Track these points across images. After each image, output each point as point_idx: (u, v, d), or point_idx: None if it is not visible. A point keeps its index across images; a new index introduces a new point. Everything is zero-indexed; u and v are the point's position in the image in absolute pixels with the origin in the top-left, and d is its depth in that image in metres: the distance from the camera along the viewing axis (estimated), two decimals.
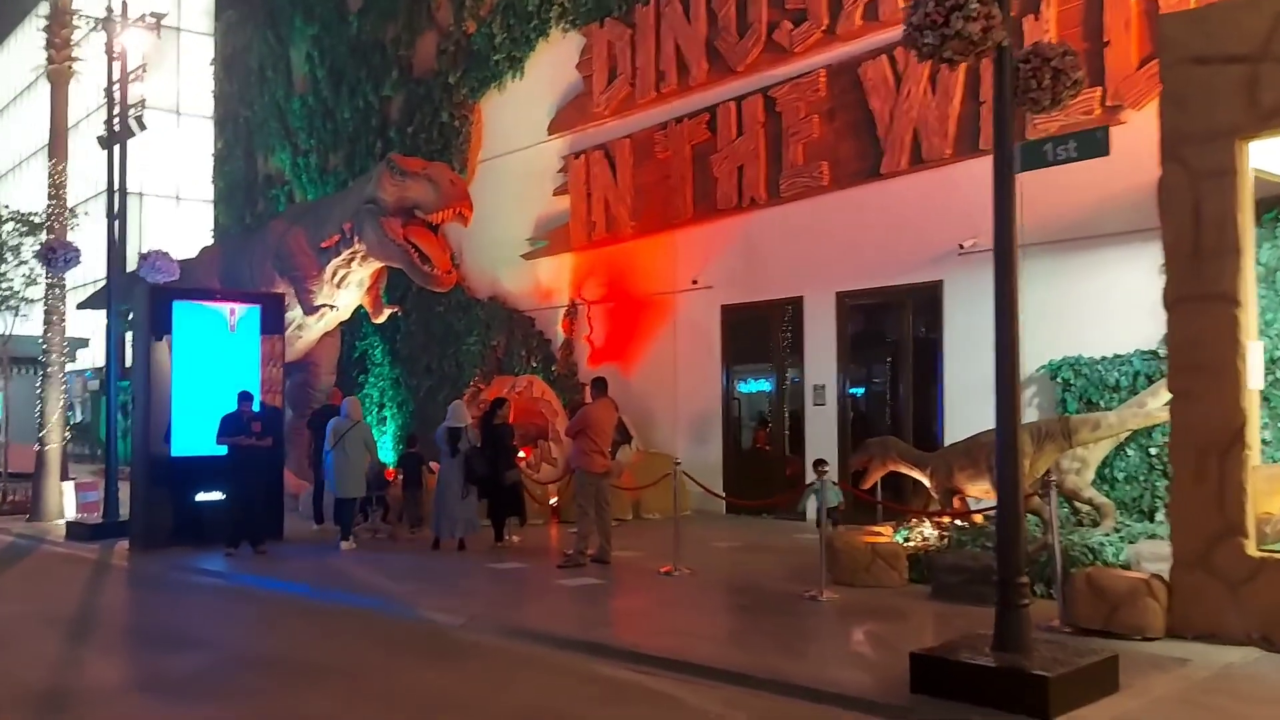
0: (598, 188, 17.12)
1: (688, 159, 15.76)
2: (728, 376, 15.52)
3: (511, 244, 18.71)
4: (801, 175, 14.31)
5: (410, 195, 14.80)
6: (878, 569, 9.51)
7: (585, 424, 11.16)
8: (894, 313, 13.81)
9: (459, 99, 19.75)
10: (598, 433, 11.13)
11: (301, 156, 23.77)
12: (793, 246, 14.53)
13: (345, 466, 12.90)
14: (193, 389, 12.66)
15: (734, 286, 15.31)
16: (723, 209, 15.30)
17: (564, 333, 17.85)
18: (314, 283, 16.32)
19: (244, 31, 26.31)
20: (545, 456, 15.86)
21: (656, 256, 16.41)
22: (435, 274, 14.86)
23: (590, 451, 11.11)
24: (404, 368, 20.79)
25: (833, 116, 14.07)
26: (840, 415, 13.99)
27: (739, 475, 15.24)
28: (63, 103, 17.66)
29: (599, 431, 11.15)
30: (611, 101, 16.89)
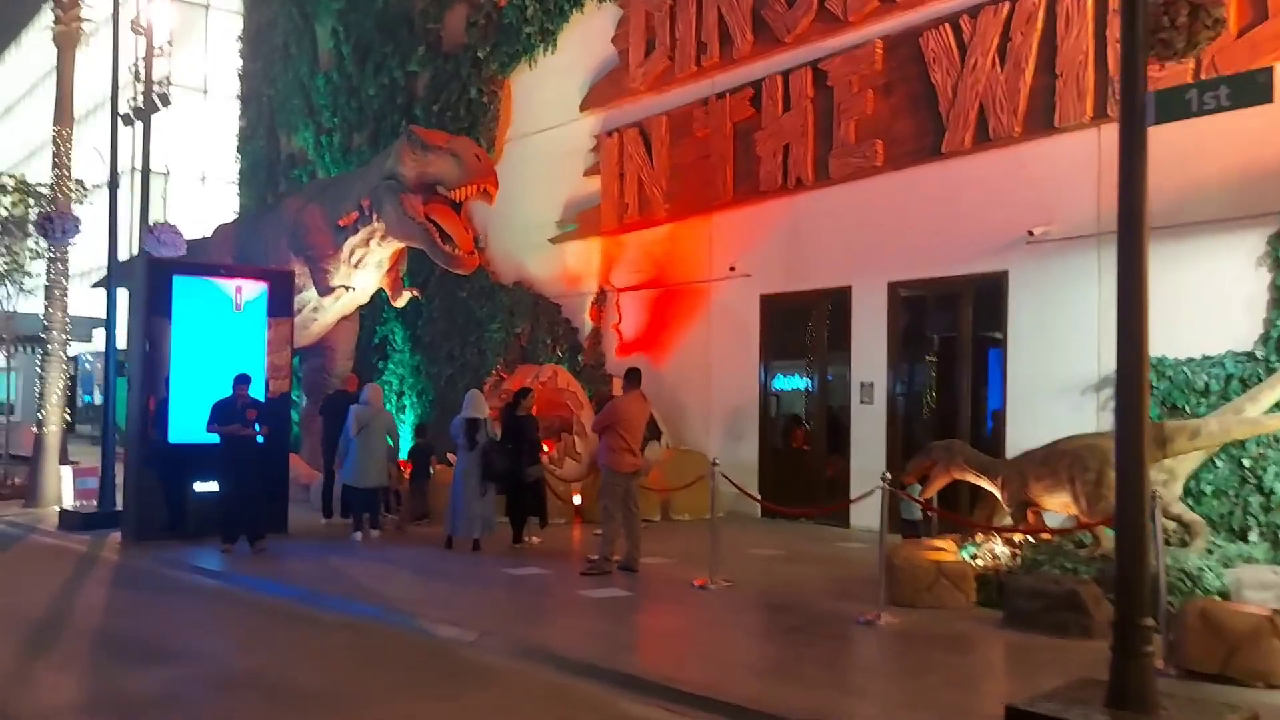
0: (631, 168, 15.96)
1: (729, 137, 14.58)
2: (766, 371, 14.33)
3: (538, 227, 17.59)
4: (853, 155, 13.09)
5: (432, 170, 13.72)
6: (942, 589, 8.33)
7: (614, 419, 10.04)
8: (951, 306, 12.58)
9: (488, 74, 18.65)
10: (627, 429, 10.01)
11: (325, 135, 22.74)
12: (841, 232, 13.34)
13: (366, 456, 11.90)
14: (193, 372, 11.62)
15: (775, 274, 14.12)
16: (765, 191, 14.11)
17: (592, 321, 16.73)
18: (330, 263, 15.27)
19: (269, 7, 25.29)
20: (569, 451, 14.75)
21: (692, 241, 15.24)
22: (457, 254, 13.77)
23: (619, 449, 9.99)
24: (425, 355, 19.72)
25: (889, 91, 12.86)
26: (889, 416, 12.79)
27: (776, 476, 14.07)
28: (69, 67, 16.73)
29: (629, 427, 10.02)
30: (648, 76, 15.73)
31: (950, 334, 12.71)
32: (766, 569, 10.29)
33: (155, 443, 11.43)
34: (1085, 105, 11.00)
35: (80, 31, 16.74)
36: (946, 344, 12.73)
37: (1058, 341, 11.29)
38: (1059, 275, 11.28)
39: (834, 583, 9.42)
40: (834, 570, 10.10)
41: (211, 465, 11.56)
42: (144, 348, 11.35)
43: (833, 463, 13.55)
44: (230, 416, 10.98)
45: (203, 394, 11.61)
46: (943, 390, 12.66)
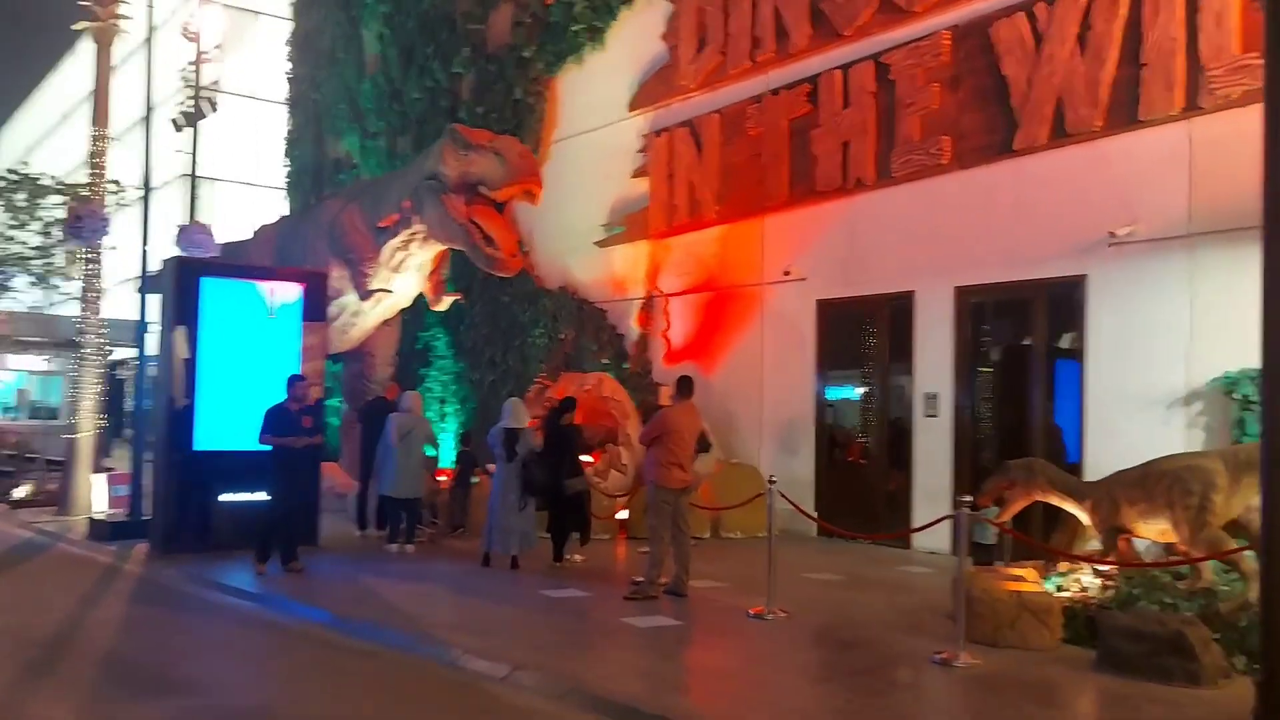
0: (681, 168, 15.18)
1: (784, 135, 13.76)
2: (822, 380, 13.46)
3: (584, 230, 16.87)
4: (917, 152, 12.21)
5: (475, 170, 13.04)
6: (1025, 625, 7.42)
7: (662, 430, 9.24)
8: (1024, 312, 11.66)
9: (534, 74, 17.97)
10: (677, 441, 9.21)
11: (370, 139, 22.22)
12: (904, 234, 12.45)
13: (405, 466, 11.25)
14: (222, 377, 10.99)
15: (832, 279, 13.26)
16: (823, 191, 13.26)
17: (638, 327, 15.96)
18: (369, 265, 14.63)
19: (317, 11, 24.90)
20: (614, 463, 13.99)
21: (744, 244, 14.43)
22: (500, 257, 13.06)
23: (667, 463, 9.19)
24: (467, 361, 19.06)
25: (957, 84, 11.97)
26: (956, 429, 11.86)
27: (833, 493, 13.19)
28: (106, 65, 16.25)
29: (678, 440, 9.22)
30: (700, 73, 14.94)
31: (1022, 342, 11.78)
32: (826, 596, 9.42)
33: (182, 450, 10.80)
34: (1174, 96, 10.05)
35: (117, 28, 16.21)
36: (1018, 353, 11.80)
37: (1142, 351, 10.34)
38: (1144, 280, 10.33)
39: (901, 614, 8.54)
40: (900, 599, 9.22)
41: (240, 474, 10.96)
42: (171, 352, 10.73)
43: (894, 479, 12.66)
44: (287, 426, 10.05)
45: (233, 401, 11.00)
46: (1013, 403, 11.70)
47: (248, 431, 11.03)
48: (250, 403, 11.05)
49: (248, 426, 11.04)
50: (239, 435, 10.98)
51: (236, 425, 10.97)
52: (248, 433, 11.03)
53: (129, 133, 41.55)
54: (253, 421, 11.04)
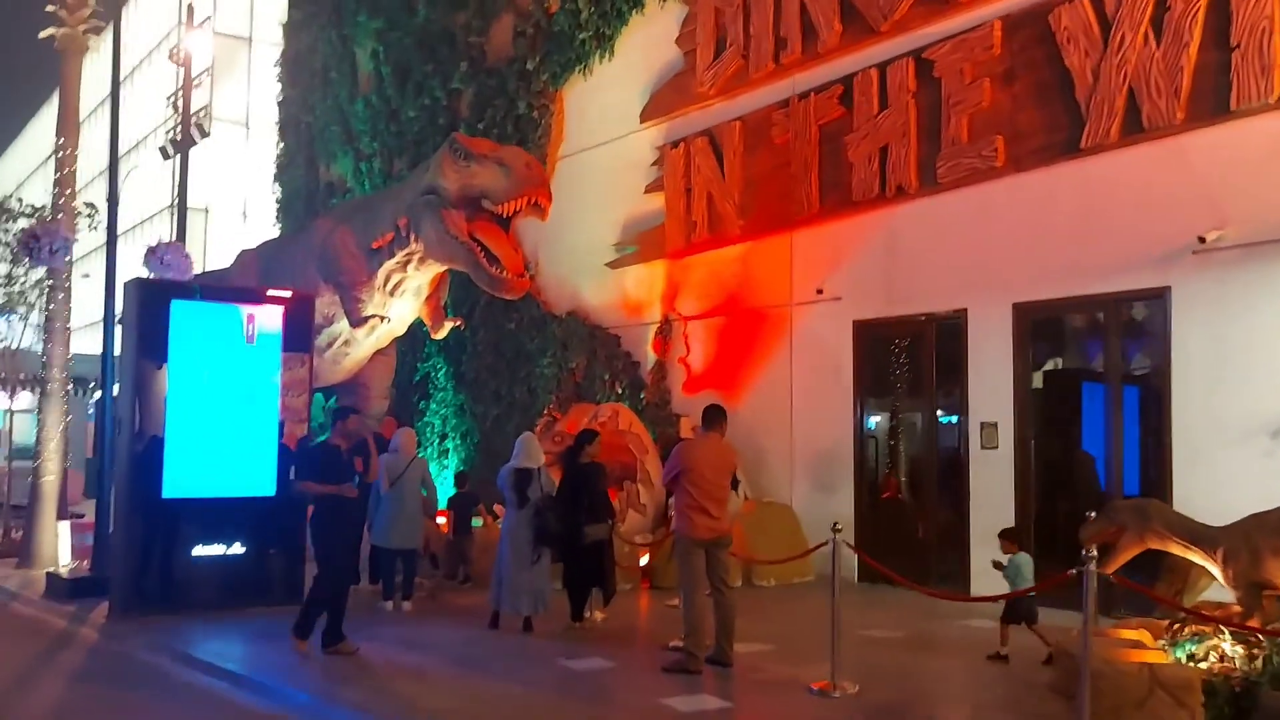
0: (700, 181, 13.86)
1: (814, 142, 12.44)
2: (861, 409, 12.06)
3: (594, 251, 15.53)
4: (967, 155, 10.89)
5: (476, 182, 11.74)
6: (1158, 705, 5.98)
7: (680, 467, 7.79)
8: (1095, 330, 10.32)
9: (538, 87, 16.69)
10: (699, 481, 7.73)
11: (364, 162, 20.92)
12: (953, 246, 11.12)
13: (399, 513, 9.83)
14: (195, 414, 9.58)
15: (871, 297, 11.90)
16: (859, 201, 11.93)
17: (655, 354, 14.58)
18: (363, 290, 13.28)
19: (308, 32, 23.66)
20: (633, 503, 12.58)
21: (771, 262, 13.07)
22: (505, 277, 11.72)
23: (689, 509, 7.73)
24: (469, 393, 17.65)
25: (1010, 79, 10.67)
26: (1018, 463, 10.46)
27: (876, 534, 11.76)
28: (74, 76, 14.91)
29: (702, 480, 7.75)
30: (719, 78, 13.65)
31: (1093, 364, 10.42)
32: (892, 662, 7.98)
33: (148, 497, 9.38)
34: (1271, 83, 8.74)
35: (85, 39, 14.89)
36: (1089, 376, 10.43)
37: (1236, 372, 8.98)
38: (1239, 290, 8.98)
39: (990, 686, 7.14)
40: (980, 666, 7.80)
41: (213, 524, 9.57)
42: (134, 385, 9.34)
43: (946, 519, 11.25)
44: (336, 471, 8.21)
45: (207, 440, 9.61)
46: (1085, 432, 10.33)
47: (224, 475, 9.69)
48: (226, 442, 9.68)
49: (224, 469, 9.69)
50: (214, 479, 9.60)
51: (211, 468, 9.59)
52: (224, 476, 9.69)
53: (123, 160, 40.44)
54: (229, 463, 9.71)
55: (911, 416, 11.93)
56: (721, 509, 7.91)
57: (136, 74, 37.92)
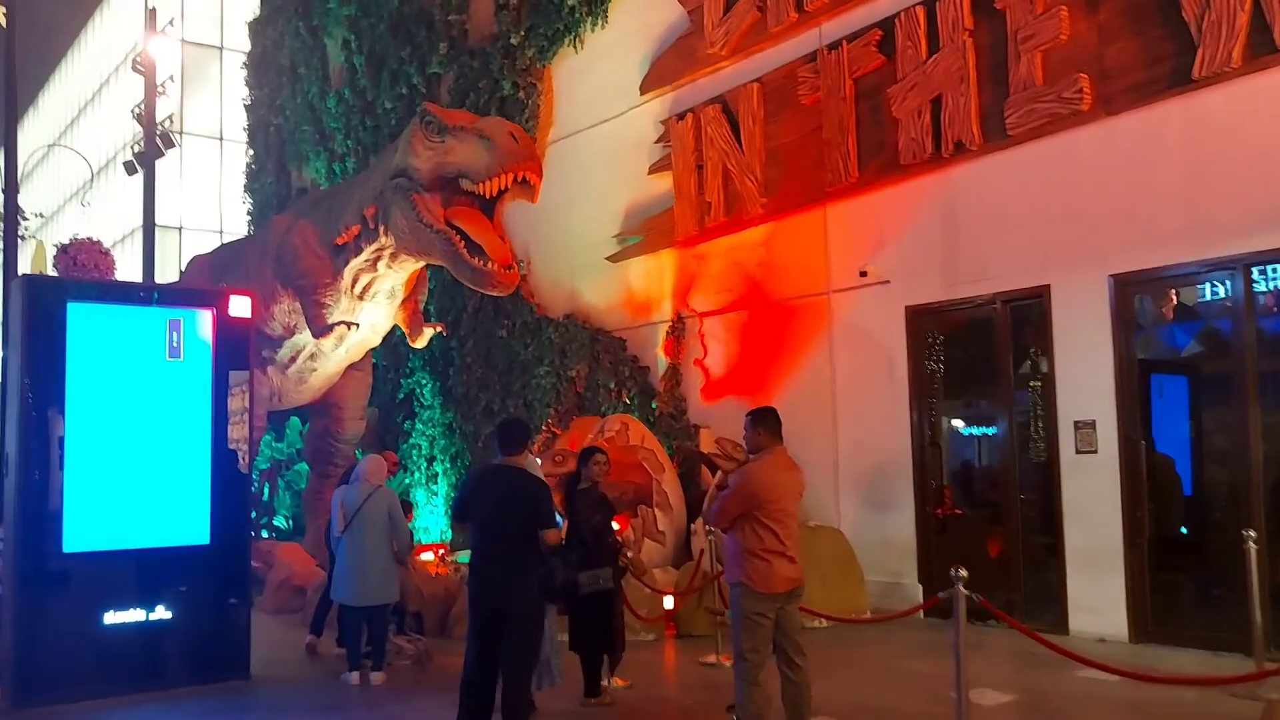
0: (713, 155, 11.83)
1: (849, 99, 10.42)
2: (920, 411, 10.00)
3: (593, 244, 13.49)
4: (1043, 99, 8.87)
5: (453, 159, 9.71)
6: None
7: (752, 501, 5.77)
8: (1220, 304, 8.27)
9: (523, 64, 14.67)
10: (780, 516, 5.73)
11: (338, 162, 18.90)
12: (1029, 210, 9.09)
13: (358, 560, 7.72)
14: (101, 446, 7.48)
15: (926, 278, 9.86)
16: (908, 164, 9.91)
17: (666, 357, 12.52)
18: (327, 294, 11.23)
19: (274, 27, 21.68)
20: (649, 531, 10.55)
21: (801, 243, 11.03)
22: (489, 270, 9.65)
23: (767, 554, 5.68)
24: (458, 410, 15.55)
25: (1094, 5, 8.66)
26: (1125, 469, 8.39)
27: (944, 558, 9.68)
28: None
29: (784, 514, 5.76)
30: (731, 36, 11.64)
31: (1220, 346, 8.38)
32: None
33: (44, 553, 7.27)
34: None
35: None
36: (1215, 360, 8.41)
37: None
38: None
39: None
40: None
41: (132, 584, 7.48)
42: (27, 411, 7.23)
43: (1034, 538, 9.20)
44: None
45: (119, 480, 7.51)
46: (1212, 431, 8.30)
47: (142, 521, 7.60)
48: (145, 480, 7.59)
49: (142, 514, 7.60)
50: (130, 527, 7.50)
51: (126, 513, 7.49)
52: (142, 523, 7.60)
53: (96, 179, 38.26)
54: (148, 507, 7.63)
55: (983, 417, 9.88)
56: (798, 550, 5.89)
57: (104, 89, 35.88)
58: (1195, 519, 8.57)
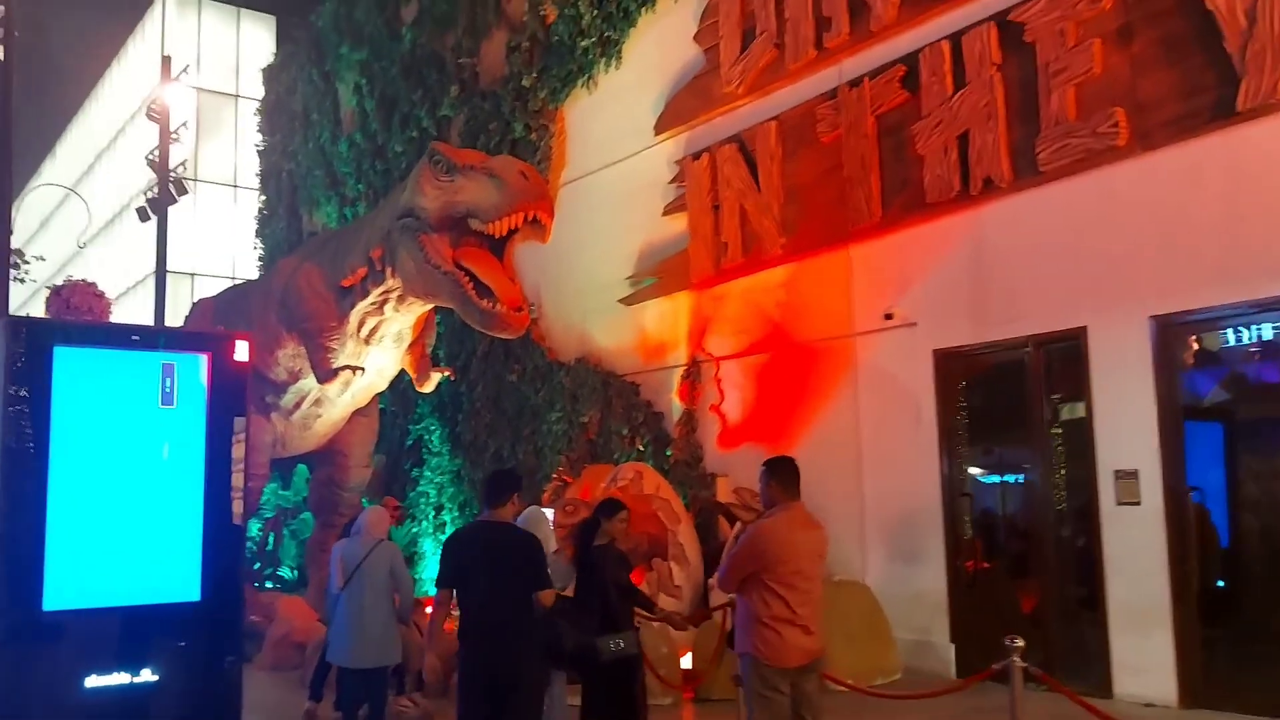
0: (729, 195, 11.45)
1: (871, 136, 10.04)
2: (949, 458, 9.48)
3: (605, 287, 13.09)
4: (1076, 135, 8.46)
5: (462, 199, 9.37)
6: None
7: (762, 561, 5.25)
8: (1262, 348, 7.78)
9: (535, 106, 14.39)
10: (793, 580, 5.22)
11: (349, 207, 18.63)
12: (1062, 249, 8.64)
13: (358, 619, 7.21)
14: (86, 497, 7.01)
15: (955, 321, 9.40)
16: (934, 203, 9.49)
17: (681, 402, 12.05)
18: (333, 337, 10.84)
19: (288, 73, 21.60)
20: (665, 585, 10.04)
21: (822, 284, 10.60)
22: (498, 311, 9.26)
23: (775, 622, 5.18)
24: (466, 457, 15.09)
25: (1128, 36, 8.28)
26: (1172, 521, 7.86)
27: (976, 614, 9.17)
28: None
29: (797, 577, 5.25)
30: (748, 73, 11.30)
31: (1262, 390, 7.89)
32: None
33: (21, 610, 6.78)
34: None
35: None
36: (1258, 404, 7.91)
37: None
38: None
39: None
40: None
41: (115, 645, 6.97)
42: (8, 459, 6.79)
43: (1072, 594, 8.65)
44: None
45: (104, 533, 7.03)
46: (1265, 480, 7.77)
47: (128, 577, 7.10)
48: (132, 533, 7.10)
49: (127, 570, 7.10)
50: (114, 583, 7.00)
51: (110, 568, 6.99)
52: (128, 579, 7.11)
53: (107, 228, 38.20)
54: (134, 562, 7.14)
55: (1016, 465, 9.36)
56: (818, 617, 5.35)
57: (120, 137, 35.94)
58: (1239, 573, 8.02)
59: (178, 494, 7.33)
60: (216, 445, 7.49)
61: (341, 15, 19.31)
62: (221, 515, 7.46)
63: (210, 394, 7.45)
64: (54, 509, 6.91)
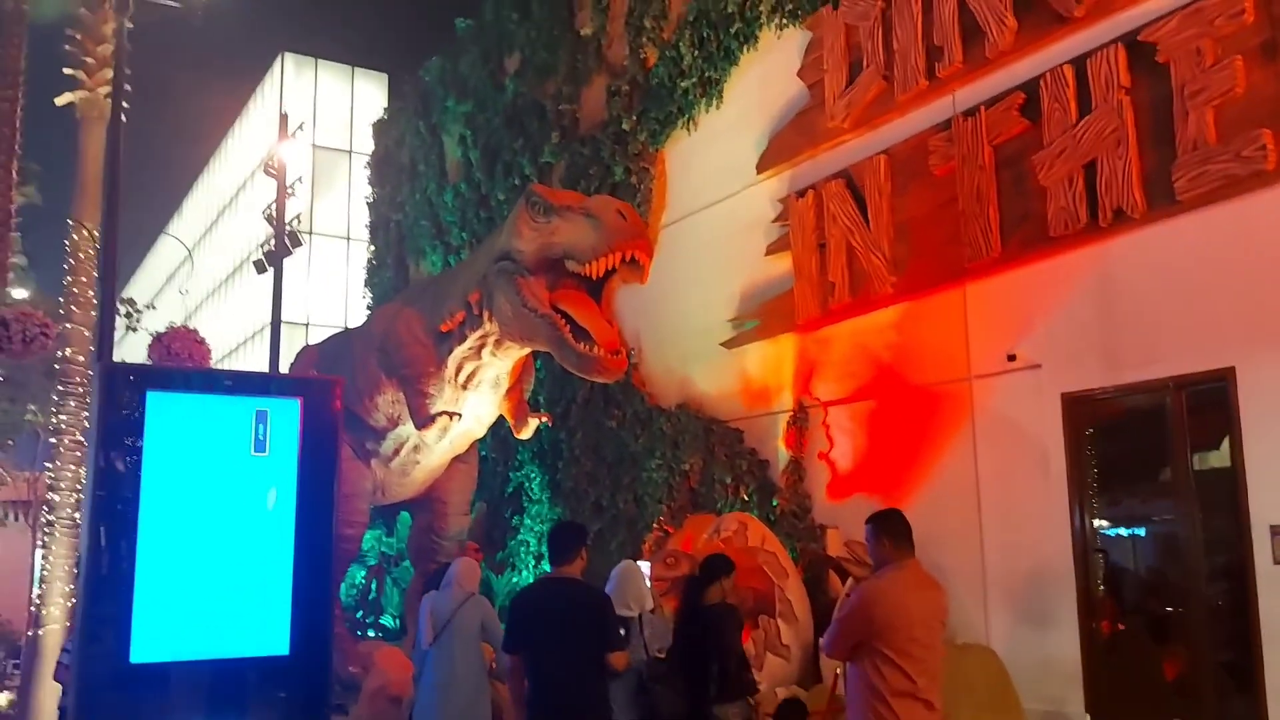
0: (836, 233, 10.93)
1: (989, 168, 9.43)
2: (1081, 511, 8.70)
3: (707, 331, 12.65)
4: (1217, 159, 7.74)
5: (559, 240, 9.16)
6: None
7: (869, 626, 4.72)
8: None
9: (635, 149, 14.15)
10: (909, 648, 4.68)
11: (453, 255, 18.68)
12: (1205, 283, 7.89)
13: (446, 676, 6.86)
14: (176, 547, 6.84)
15: (1085, 362, 8.67)
16: (1058, 235, 8.81)
17: (788, 449, 11.48)
18: (430, 383, 10.68)
19: (396, 127, 21.98)
20: (771, 644, 9.47)
21: (938, 325, 9.98)
22: (596, 355, 8.96)
23: (893, 697, 4.63)
24: (566, 505, 14.73)
25: (1275, 51, 7.56)
26: None
27: (1115, 681, 8.33)
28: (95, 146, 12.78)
29: (913, 644, 4.70)
30: (854, 107, 10.82)
31: None
32: None
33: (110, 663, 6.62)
34: None
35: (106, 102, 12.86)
36: None
37: None
38: None
39: None
40: None
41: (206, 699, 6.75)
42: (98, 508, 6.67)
43: (1222, 660, 7.77)
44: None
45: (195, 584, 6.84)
46: None
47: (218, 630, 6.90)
48: (221, 585, 6.90)
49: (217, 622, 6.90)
50: (204, 637, 6.80)
51: (200, 621, 6.79)
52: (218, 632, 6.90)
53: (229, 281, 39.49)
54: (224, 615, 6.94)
55: (1156, 519, 8.54)
56: (939, 690, 4.76)
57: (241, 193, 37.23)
58: None
59: (268, 544, 7.12)
60: (308, 494, 7.26)
61: (448, 69, 19.55)
62: (312, 567, 7.21)
63: (303, 441, 7.24)
64: (143, 559, 6.75)
